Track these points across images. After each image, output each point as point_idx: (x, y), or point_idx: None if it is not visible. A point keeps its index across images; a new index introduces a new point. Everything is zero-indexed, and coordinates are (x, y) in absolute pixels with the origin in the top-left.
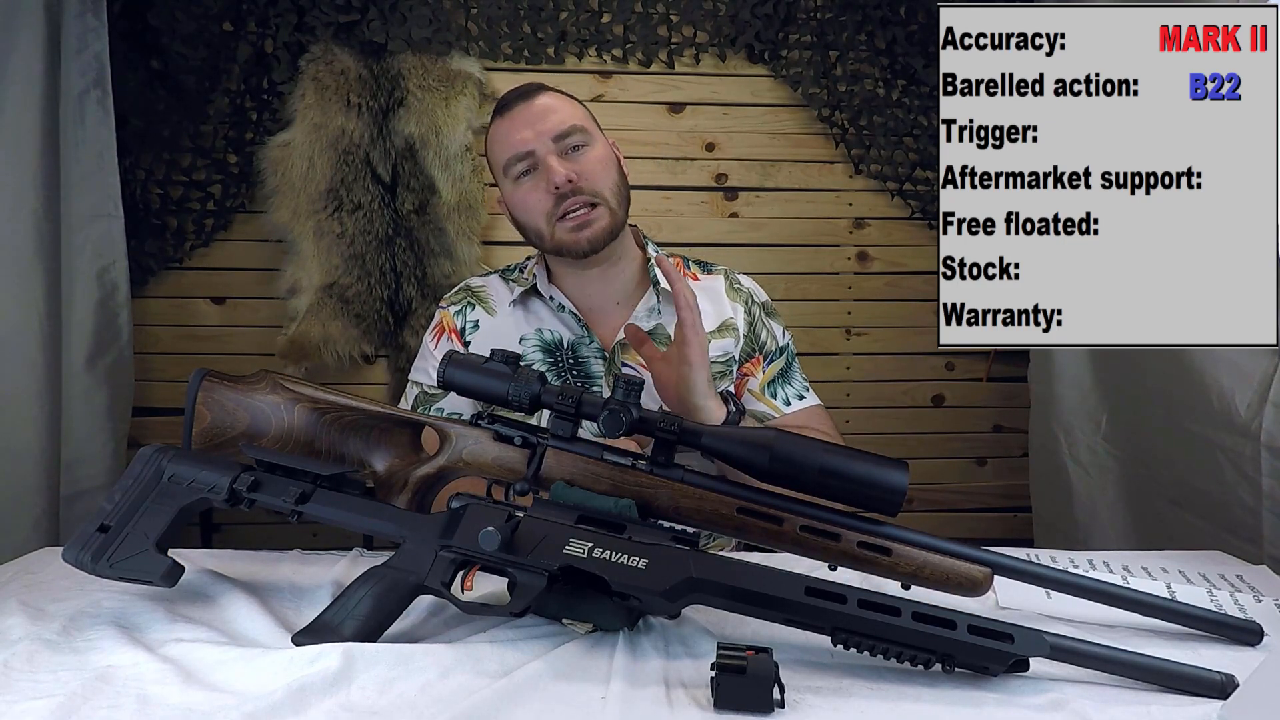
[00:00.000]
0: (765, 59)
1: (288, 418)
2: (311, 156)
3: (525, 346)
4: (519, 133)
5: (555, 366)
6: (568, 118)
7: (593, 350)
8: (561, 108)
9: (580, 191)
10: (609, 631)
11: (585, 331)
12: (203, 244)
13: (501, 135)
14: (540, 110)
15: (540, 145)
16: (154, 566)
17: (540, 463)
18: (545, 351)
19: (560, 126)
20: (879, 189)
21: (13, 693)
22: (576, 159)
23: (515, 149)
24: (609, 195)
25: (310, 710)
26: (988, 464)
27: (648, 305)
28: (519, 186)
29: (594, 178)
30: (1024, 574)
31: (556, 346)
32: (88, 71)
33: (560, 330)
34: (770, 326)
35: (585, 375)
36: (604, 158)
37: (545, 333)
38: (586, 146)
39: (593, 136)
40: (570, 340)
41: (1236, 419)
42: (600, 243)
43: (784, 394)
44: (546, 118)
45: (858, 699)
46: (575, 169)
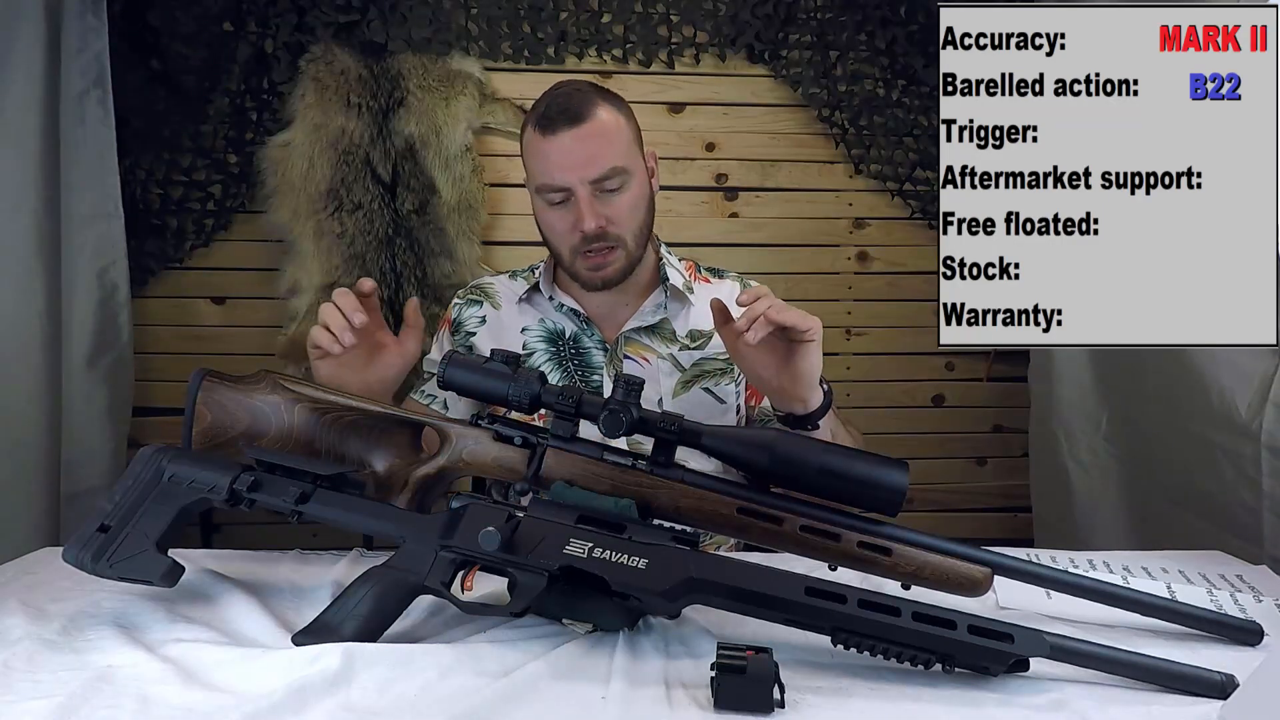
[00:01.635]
0: (765, 59)
1: (288, 418)
2: (311, 156)
3: (528, 336)
4: (559, 170)
5: (557, 356)
6: (610, 158)
7: (594, 342)
8: (606, 148)
9: (606, 236)
10: (609, 631)
11: (587, 325)
12: (203, 244)
13: (540, 157)
14: (587, 148)
15: (579, 186)
16: (154, 566)
17: (540, 463)
18: (548, 340)
19: (601, 170)
20: (879, 189)
21: (13, 693)
22: (610, 201)
23: (552, 180)
24: (630, 238)
25: (310, 710)
26: (988, 464)
27: (655, 302)
28: (550, 210)
29: (622, 222)
30: (1024, 574)
31: (559, 336)
32: (88, 71)
33: (563, 322)
34: None
35: (586, 365)
36: (636, 200)
37: (548, 322)
38: (623, 189)
39: (631, 175)
40: (573, 331)
41: (1237, 419)
42: (614, 281)
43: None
44: (591, 161)
45: (858, 699)
46: (607, 213)
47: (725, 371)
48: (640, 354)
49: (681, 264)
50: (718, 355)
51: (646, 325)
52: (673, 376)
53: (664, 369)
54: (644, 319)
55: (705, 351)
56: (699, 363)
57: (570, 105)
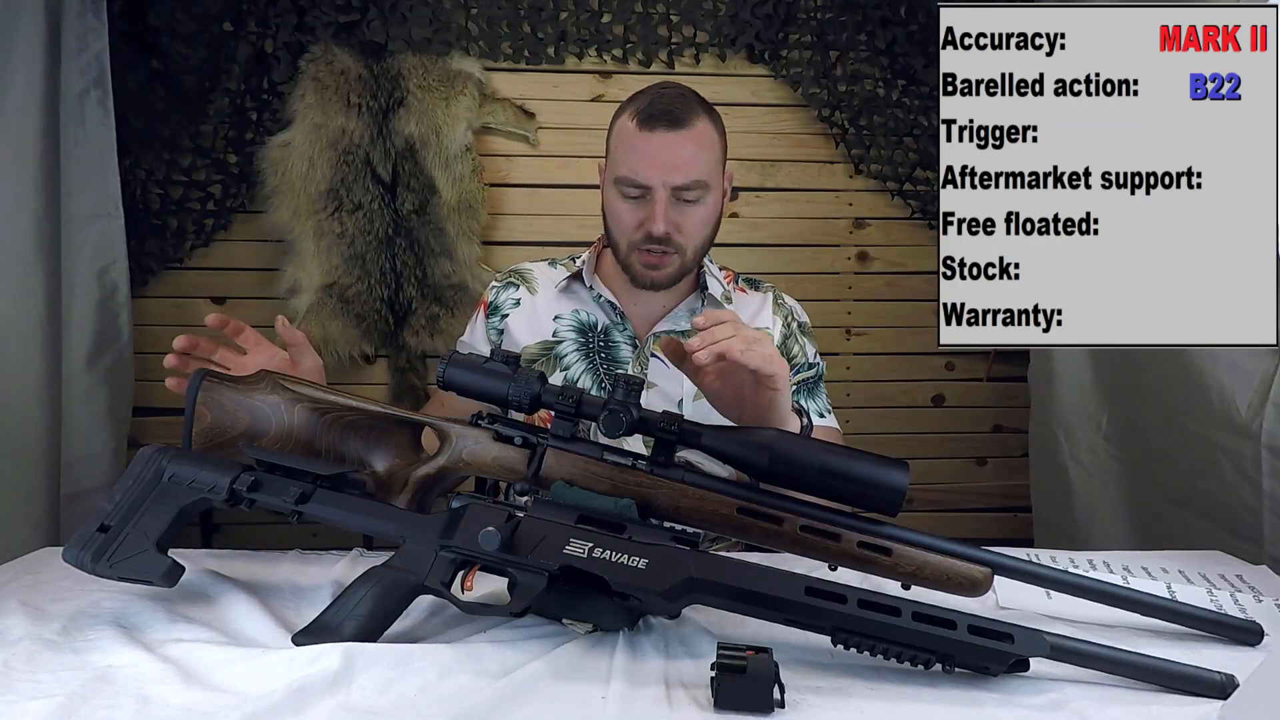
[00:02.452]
0: (765, 59)
1: (288, 418)
2: (311, 156)
3: (560, 324)
4: (647, 169)
5: (584, 347)
6: (696, 171)
7: (625, 336)
8: (696, 157)
9: (669, 242)
10: (609, 631)
11: (621, 320)
12: (203, 244)
13: (631, 150)
14: (681, 154)
15: (661, 188)
16: (154, 566)
17: (540, 463)
18: (578, 331)
19: (686, 179)
20: (879, 189)
21: (13, 693)
22: (685, 211)
23: (637, 176)
24: (691, 251)
25: (310, 710)
26: (988, 464)
27: (689, 307)
28: (622, 200)
29: (689, 233)
30: (1024, 574)
31: (590, 328)
32: (88, 71)
33: (597, 314)
34: (803, 343)
35: (613, 359)
36: (709, 215)
37: (581, 314)
38: (699, 202)
39: (710, 190)
40: (604, 324)
41: (1237, 419)
42: (664, 285)
43: (807, 407)
44: (679, 168)
45: (858, 699)
46: (678, 221)
47: None
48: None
49: (721, 272)
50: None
51: (679, 329)
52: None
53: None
54: (677, 322)
55: None
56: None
57: (674, 108)
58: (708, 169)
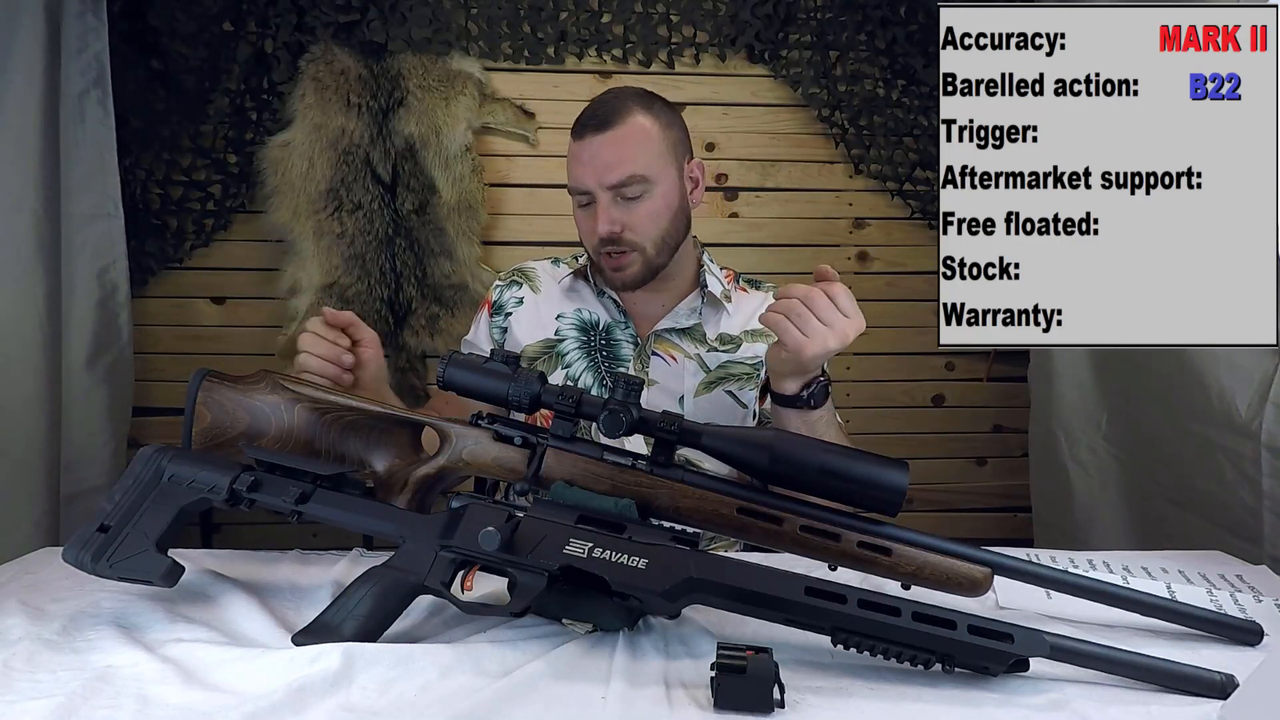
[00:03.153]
0: (765, 59)
1: (288, 418)
2: (311, 156)
3: (561, 323)
4: (583, 173)
5: (586, 345)
6: (630, 167)
7: (627, 335)
8: (628, 155)
9: (620, 241)
10: (609, 631)
11: (624, 317)
12: (203, 244)
13: (571, 159)
14: (607, 154)
15: (598, 190)
16: (154, 566)
17: (540, 463)
18: (580, 329)
19: (619, 176)
20: (879, 189)
21: (13, 693)
22: (630, 208)
23: (577, 183)
24: (649, 245)
25: (310, 710)
26: (988, 464)
27: (690, 305)
28: (579, 210)
29: (639, 230)
30: (1024, 574)
31: (592, 326)
32: (88, 71)
33: (599, 312)
34: None
35: (615, 357)
36: (657, 209)
37: (584, 312)
38: (642, 197)
39: (653, 184)
40: (606, 323)
41: (1236, 419)
42: (634, 285)
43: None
44: (610, 168)
45: (858, 699)
46: (624, 219)
47: (750, 377)
48: (669, 352)
49: (722, 272)
50: (745, 360)
51: (680, 327)
52: (697, 376)
53: (689, 368)
54: (678, 320)
55: (733, 355)
56: (725, 365)
57: (600, 112)
58: (645, 163)
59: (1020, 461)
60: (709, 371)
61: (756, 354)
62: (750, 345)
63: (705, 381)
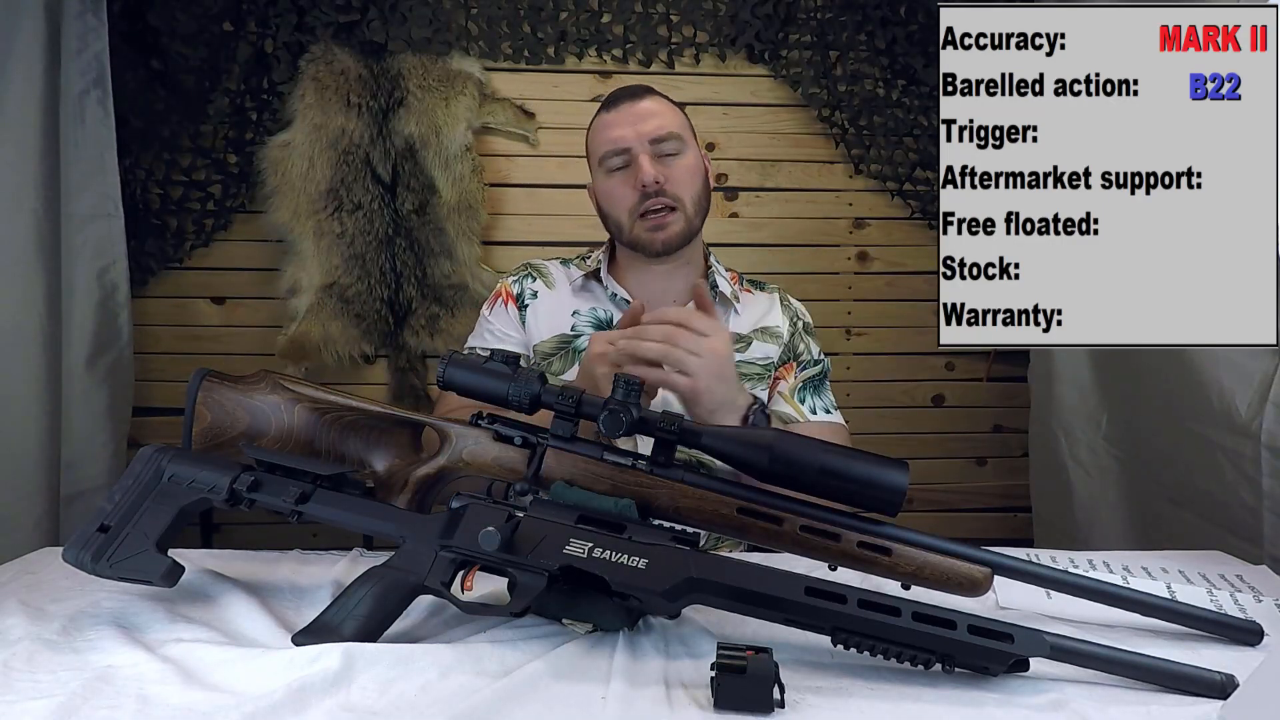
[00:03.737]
0: (765, 59)
1: (288, 418)
2: (311, 156)
3: (577, 319)
4: (620, 129)
5: None
6: (667, 124)
7: None
8: (663, 113)
9: (664, 194)
10: (609, 631)
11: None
12: (203, 244)
13: (604, 128)
14: (644, 112)
15: (638, 144)
16: (154, 566)
17: (540, 463)
18: (595, 327)
19: (659, 131)
20: (879, 189)
21: (13, 693)
22: (668, 164)
23: (614, 144)
24: (689, 203)
25: (310, 710)
26: (988, 464)
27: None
28: (611, 179)
29: (680, 184)
30: (1024, 574)
31: (606, 325)
32: (88, 71)
33: (613, 313)
34: (808, 341)
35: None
36: (693, 167)
37: (599, 311)
38: (680, 155)
39: (687, 145)
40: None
41: (1236, 419)
42: (674, 245)
43: (812, 403)
44: (648, 120)
45: (858, 699)
46: (665, 173)
47: (761, 378)
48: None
49: (727, 274)
50: (755, 361)
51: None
52: None
53: None
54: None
55: (744, 355)
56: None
57: (633, 90)
58: (678, 125)
59: (1020, 461)
60: None
61: (767, 354)
62: (761, 345)
63: None
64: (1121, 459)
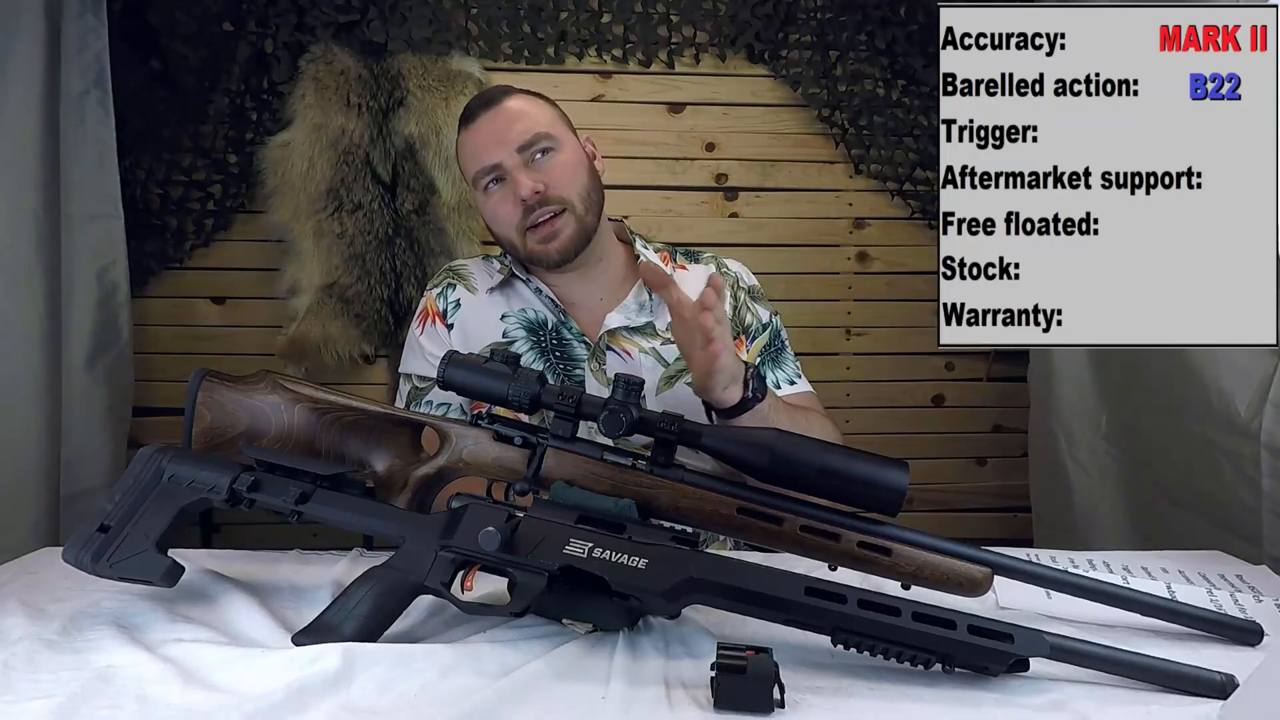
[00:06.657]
0: (765, 59)
1: (288, 418)
2: (311, 156)
3: (508, 324)
4: (485, 147)
5: (538, 345)
6: (533, 125)
7: (573, 334)
8: (526, 114)
9: (548, 201)
10: (609, 631)
11: (564, 317)
12: (203, 244)
13: (468, 148)
14: (505, 120)
15: (506, 157)
16: (154, 566)
17: (540, 463)
18: (529, 330)
19: (525, 136)
20: (879, 189)
21: (13, 693)
22: (543, 166)
23: (482, 162)
24: (576, 200)
25: (310, 710)
26: (988, 464)
27: (638, 300)
28: (489, 198)
29: (561, 184)
30: (1024, 574)
31: (540, 325)
32: (88, 71)
33: (543, 311)
34: (754, 309)
35: (568, 357)
36: (571, 162)
37: (529, 311)
38: (553, 151)
39: (560, 141)
40: (553, 322)
41: (1236, 419)
42: (570, 252)
43: (774, 377)
44: (511, 128)
45: (858, 699)
46: (542, 178)
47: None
48: (623, 348)
49: (657, 255)
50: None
51: (633, 325)
52: (656, 371)
53: (647, 364)
54: (629, 318)
55: None
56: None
57: (483, 97)
58: (545, 122)
59: (1020, 461)
60: (667, 365)
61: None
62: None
63: (665, 376)
64: (1121, 459)
